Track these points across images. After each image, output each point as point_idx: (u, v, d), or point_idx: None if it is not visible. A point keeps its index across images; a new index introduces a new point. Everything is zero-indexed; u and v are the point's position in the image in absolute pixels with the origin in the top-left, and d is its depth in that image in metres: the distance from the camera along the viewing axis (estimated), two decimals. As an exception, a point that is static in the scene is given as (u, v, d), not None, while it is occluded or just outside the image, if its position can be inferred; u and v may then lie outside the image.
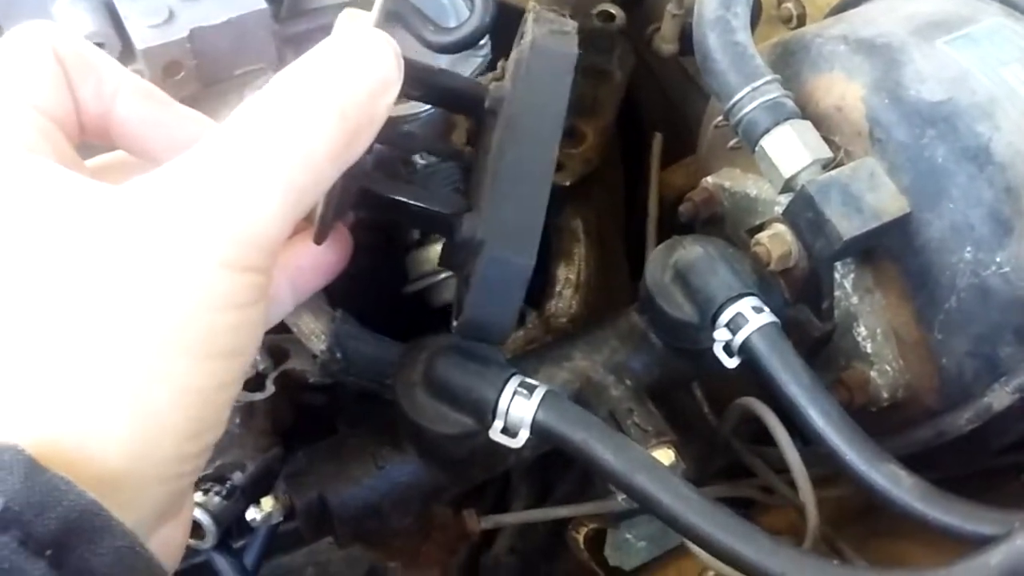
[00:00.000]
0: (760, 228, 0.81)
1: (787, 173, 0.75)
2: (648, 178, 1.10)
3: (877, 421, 0.80)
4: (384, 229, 0.97)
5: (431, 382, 0.68)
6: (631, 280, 1.12)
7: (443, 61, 0.83)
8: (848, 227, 0.71)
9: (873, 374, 0.80)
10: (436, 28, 0.79)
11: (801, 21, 1.06)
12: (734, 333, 0.70)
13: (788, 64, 0.80)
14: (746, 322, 0.70)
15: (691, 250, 0.74)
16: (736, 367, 0.72)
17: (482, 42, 0.84)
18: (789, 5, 1.06)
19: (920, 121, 0.72)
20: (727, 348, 0.71)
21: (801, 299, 0.81)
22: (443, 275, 0.93)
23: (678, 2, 1.08)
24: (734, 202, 0.87)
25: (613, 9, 1.07)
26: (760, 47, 0.82)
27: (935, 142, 0.71)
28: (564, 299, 0.98)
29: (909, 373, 0.78)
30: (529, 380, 0.66)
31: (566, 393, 0.73)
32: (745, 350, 0.70)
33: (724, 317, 0.71)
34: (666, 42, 1.11)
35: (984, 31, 0.76)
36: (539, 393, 0.65)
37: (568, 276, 1.00)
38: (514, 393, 0.65)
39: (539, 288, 1.01)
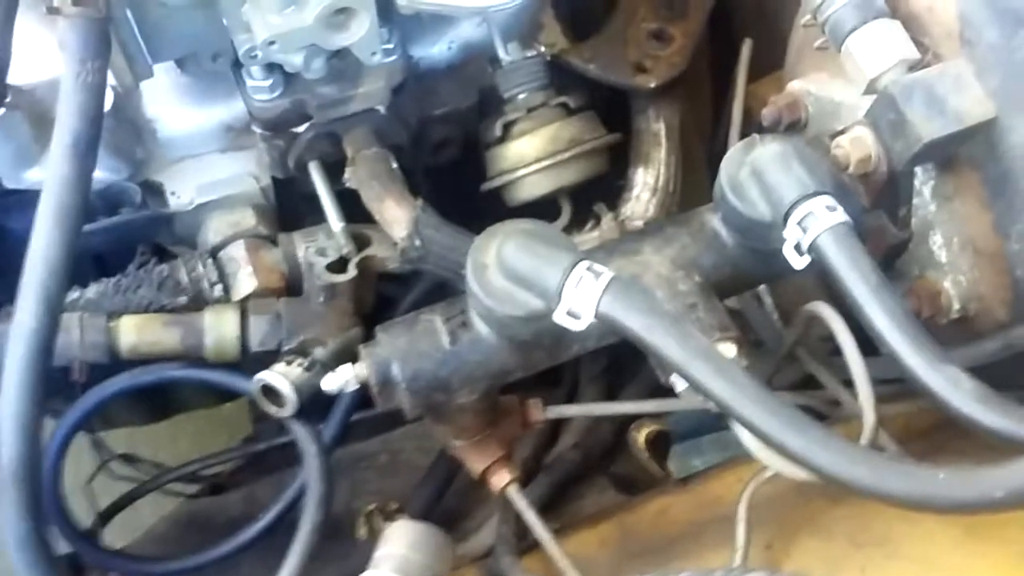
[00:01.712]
0: (842, 133, 0.80)
1: (872, 73, 0.74)
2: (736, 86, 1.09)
3: (947, 334, 0.80)
4: (464, 123, 1.00)
5: (502, 263, 0.70)
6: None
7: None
8: (929, 129, 0.70)
9: (946, 284, 0.79)
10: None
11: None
12: (805, 231, 0.70)
13: (880, -36, 0.78)
14: (817, 221, 0.70)
15: (768, 147, 0.74)
16: (807, 269, 0.72)
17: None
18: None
19: (1014, 21, 0.70)
20: (798, 247, 0.72)
21: (879, 205, 0.80)
22: (521, 172, 0.95)
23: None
24: (819, 107, 0.86)
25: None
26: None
27: (1027, 44, 0.69)
28: (641, 202, 0.99)
29: (983, 284, 0.77)
30: (597, 266, 0.68)
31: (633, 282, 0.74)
32: (814, 249, 0.70)
33: (796, 215, 0.71)
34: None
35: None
36: (605, 278, 0.67)
37: (647, 180, 1.01)
38: (581, 278, 0.67)
39: (617, 189, 1.02)
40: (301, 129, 0.92)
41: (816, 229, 0.70)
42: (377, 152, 0.92)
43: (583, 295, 0.67)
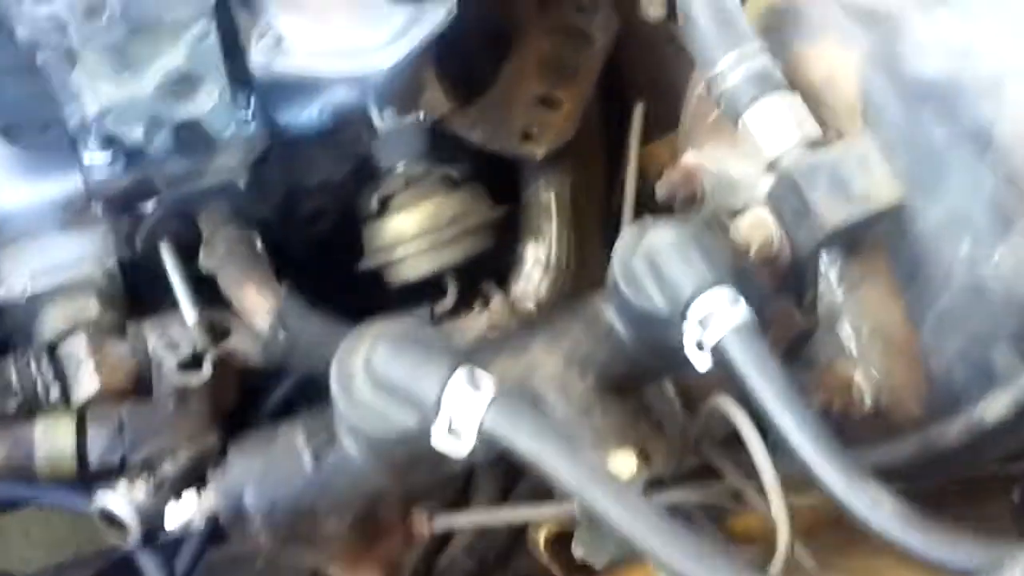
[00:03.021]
0: (742, 212, 0.75)
1: (771, 153, 0.68)
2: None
3: (859, 429, 0.74)
4: (339, 194, 0.91)
5: (371, 372, 0.61)
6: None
7: (402, 17, 0.76)
8: (834, 215, 0.65)
9: (857, 376, 0.73)
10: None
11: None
12: (705, 329, 0.64)
13: (778, 30, 0.73)
14: (719, 317, 0.63)
15: (663, 233, 0.68)
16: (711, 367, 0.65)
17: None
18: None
19: (918, 98, 0.65)
20: (699, 345, 0.65)
21: (783, 289, 0.74)
22: (399, 252, 0.87)
23: (662, -35, 1.01)
24: (715, 182, 0.81)
25: (595, -32, 1.00)
26: (747, 10, 0.75)
27: (933, 122, 0.64)
28: (532, 281, 0.92)
29: (895, 376, 0.72)
30: (478, 371, 0.60)
31: (519, 390, 0.66)
32: (717, 349, 0.64)
33: (695, 311, 0.64)
34: (654, 6, 1.03)
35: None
36: (487, 393, 0.59)
37: (538, 256, 0.93)
38: (460, 388, 0.59)
39: (506, 267, 0.94)
40: (148, 207, 0.82)
41: (718, 329, 0.63)
42: (236, 231, 0.82)
43: (463, 411, 0.59)
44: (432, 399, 0.59)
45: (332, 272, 0.95)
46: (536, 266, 0.93)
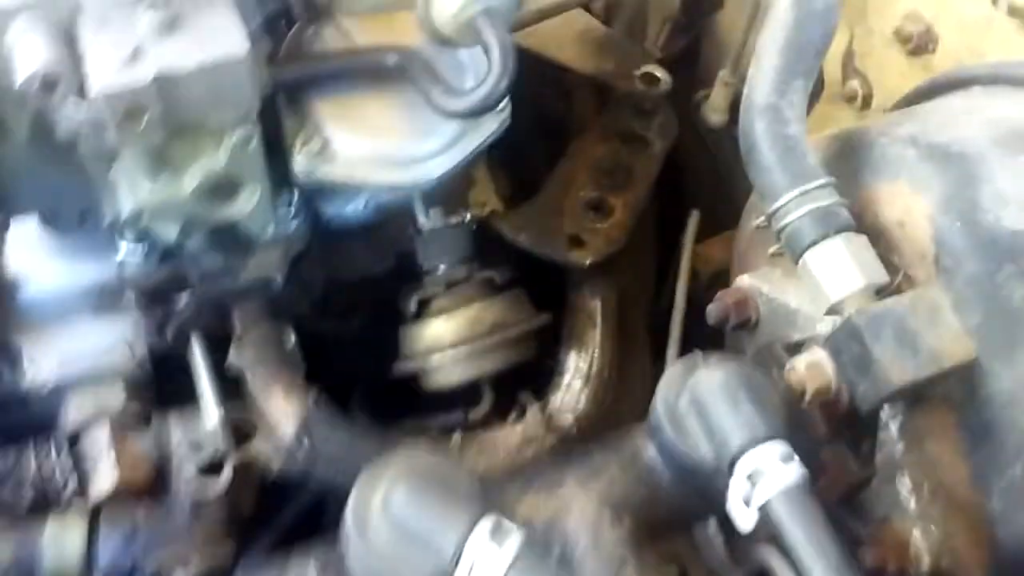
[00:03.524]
0: (798, 347, 0.70)
1: (834, 296, 0.64)
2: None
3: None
4: (377, 289, 0.88)
5: (389, 513, 0.58)
6: (655, 373, 1.01)
7: (454, 126, 0.73)
8: (900, 372, 0.60)
9: (915, 534, 0.68)
10: (447, 89, 0.69)
11: (867, 102, 0.95)
12: (754, 486, 0.59)
13: (846, 163, 0.69)
14: (768, 477, 0.59)
15: (711, 375, 0.63)
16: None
17: (501, 105, 0.74)
18: (855, 83, 0.95)
19: (997, 252, 0.60)
20: (745, 500, 0.60)
21: (838, 435, 0.69)
22: (436, 358, 0.83)
23: (731, 69, 0.97)
24: (771, 309, 0.76)
25: (658, 72, 0.97)
26: (815, 138, 0.71)
27: (1013, 280, 0.59)
28: (572, 392, 0.88)
29: (958, 539, 0.66)
30: (504, 523, 0.56)
31: (546, 543, 0.62)
32: (765, 510, 0.59)
33: (743, 465, 0.60)
34: (716, 111, 1.00)
35: (1082, 147, 0.64)
36: (511, 548, 0.55)
37: (579, 365, 0.89)
38: (483, 542, 0.55)
39: (547, 370, 0.90)
40: (182, 299, 0.80)
41: (767, 488, 0.58)
42: (268, 331, 0.80)
43: (485, 566, 0.54)
44: (451, 552, 0.55)
45: (366, 370, 0.93)
46: (577, 376, 0.89)
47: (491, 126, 0.74)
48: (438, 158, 0.73)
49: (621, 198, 0.93)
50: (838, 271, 0.63)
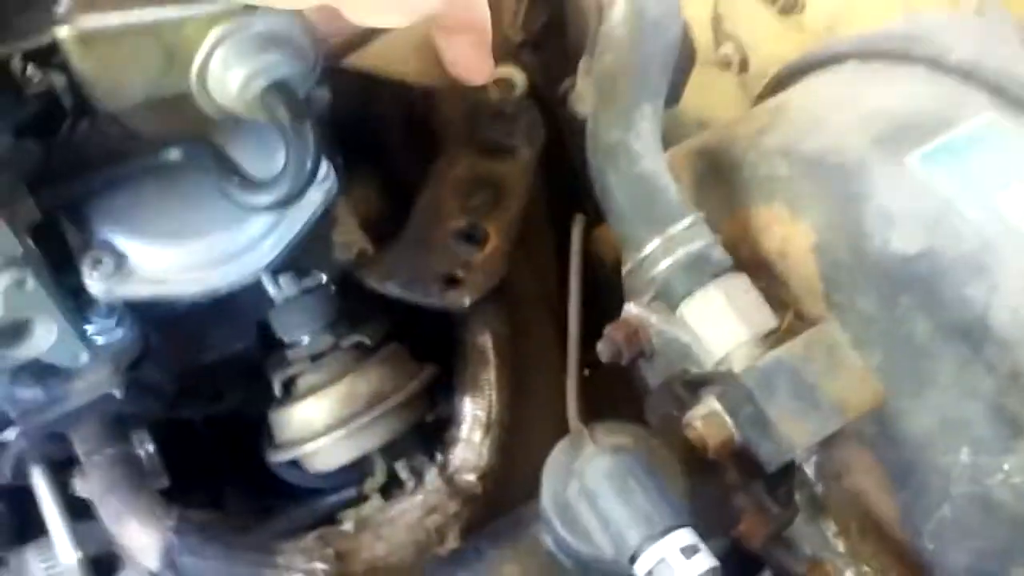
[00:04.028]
0: (697, 384, 0.63)
1: (718, 352, 0.56)
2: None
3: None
4: (244, 366, 0.79)
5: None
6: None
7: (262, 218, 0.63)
8: (801, 432, 0.53)
9: (848, 575, 0.62)
10: (243, 183, 0.60)
11: (744, 66, 0.87)
12: (657, 585, 0.52)
13: (715, 185, 0.61)
14: (672, 573, 0.52)
15: (600, 462, 0.56)
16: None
17: (322, 173, 0.64)
18: (728, 48, 0.86)
19: (890, 285, 0.53)
20: (652, 598, 0.54)
21: (752, 477, 0.63)
22: (310, 446, 0.75)
23: (591, 52, 0.88)
24: (664, 342, 0.68)
25: (514, 74, 0.86)
26: (678, 154, 0.63)
27: (912, 313, 0.52)
28: (472, 447, 0.79)
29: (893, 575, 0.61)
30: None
31: None
32: (673, 608, 0.52)
33: (643, 562, 0.53)
34: (582, 101, 0.91)
35: (968, 137, 0.56)
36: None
37: (476, 414, 0.81)
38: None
39: (440, 429, 0.82)
40: (10, 435, 0.70)
41: (671, 586, 0.52)
42: (112, 455, 0.70)
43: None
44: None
45: (245, 454, 0.84)
46: (476, 427, 0.80)
47: (317, 197, 0.64)
48: (262, 245, 0.64)
49: (494, 222, 0.83)
50: (718, 323, 0.56)
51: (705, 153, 0.63)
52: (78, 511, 0.73)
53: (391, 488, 0.79)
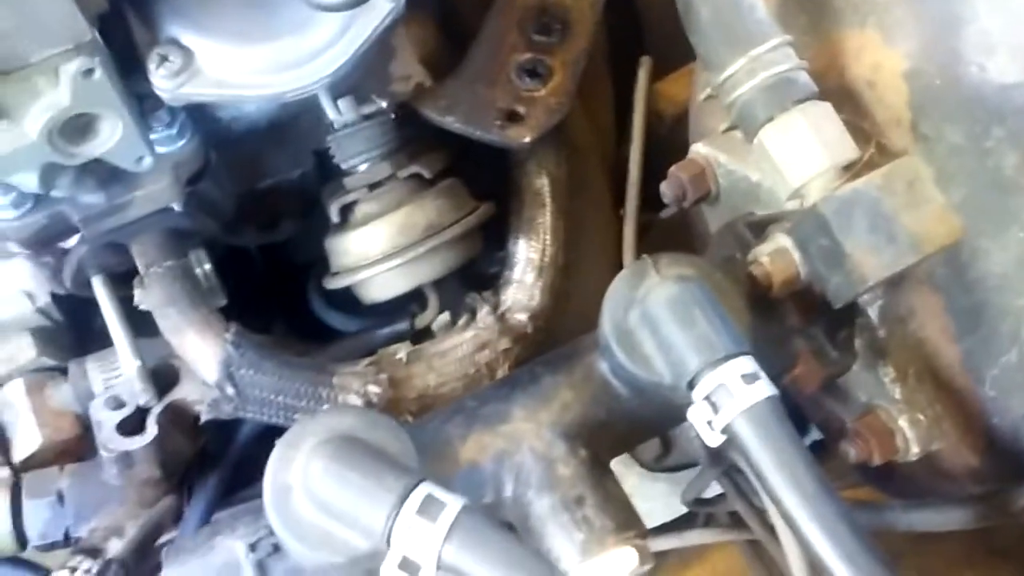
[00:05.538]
0: (763, 226, 0.62)
1: (795, 180, 0.55)
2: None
3: (905, 473, 0.63)
4: (300, 192, 0.79)
5: (309, 490, 0.51)
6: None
7: (335, 19, 0.61)
8: (875, 265, 0.52)
9: (902, 423, 0.62)
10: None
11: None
12: (716, 410, 0.52)
13: (802, 7, 0.58)
14: (731, 399, 0.52)
15: (663, 289, 0.55)
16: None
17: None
18: None
19: (983, 114, 0.51)
20: (709, 423, 0.54)
21: (813, 321, 0.62)
22: (364, 273, 0.75)
23: None
24: (731, 182, 0.67)
25: None
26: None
27: (1004, 146, 0.50)
28: (524, 287, 0.79)
29: (948, 423, 0.60)
30: (438, 493, 0.49)
31: (500, 479, 0.56)
32: (730, 432, 0.52)
33: (703, 387, 0.53)
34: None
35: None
36: (449, 514, 0.48)
37: (529, 255, 0.80)
38: (413, 517, 0.48)
39: (494, 267, 0.82)
40: (72, 242, 0.71)
41: (730, 410, 0.52)
42: (172, 267, 0.71)
43: (419, 541, 0.48)
44: (380, 531, 0.49)
45: (298, 283, 0.85)
46: (529, 269, 0.80)
47: (384, 6, 0.62)
48: (326, 54, 0.62)
49: (559, 56, 0.81)
50: (799, 150, 0.54)
51: (794, -22, 0.60)
52: (137, 328, 0.74)
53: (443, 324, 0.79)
